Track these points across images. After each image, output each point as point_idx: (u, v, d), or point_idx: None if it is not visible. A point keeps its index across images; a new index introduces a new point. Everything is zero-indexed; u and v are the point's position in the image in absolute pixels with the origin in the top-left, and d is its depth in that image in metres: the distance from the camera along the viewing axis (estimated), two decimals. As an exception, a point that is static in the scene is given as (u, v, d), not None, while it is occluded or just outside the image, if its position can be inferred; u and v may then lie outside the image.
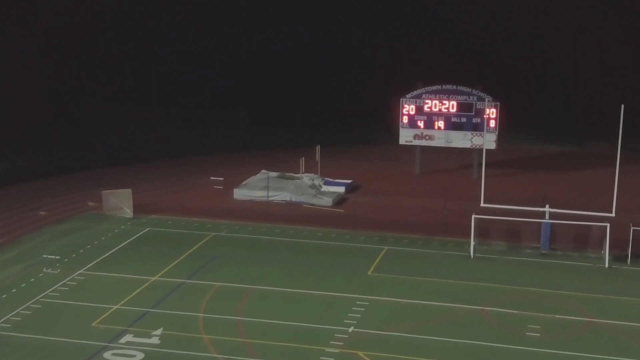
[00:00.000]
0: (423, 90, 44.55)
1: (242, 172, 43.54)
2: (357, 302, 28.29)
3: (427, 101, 44.47)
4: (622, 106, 31.16)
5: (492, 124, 43.28)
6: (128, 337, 25.42)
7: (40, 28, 48.52)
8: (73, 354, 24.28)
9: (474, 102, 43.75)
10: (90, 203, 38.60)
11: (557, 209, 33.56)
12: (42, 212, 37.43)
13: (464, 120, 44.15)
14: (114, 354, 24.39)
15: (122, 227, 36.03)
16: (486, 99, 43.03)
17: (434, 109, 44.48)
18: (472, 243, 33.03)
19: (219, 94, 52.54)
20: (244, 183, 41.74)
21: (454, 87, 44.34)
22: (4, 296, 28.42)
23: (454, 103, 44.29)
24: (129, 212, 37.22)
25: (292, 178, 41.99)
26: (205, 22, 55.57)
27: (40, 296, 28.39)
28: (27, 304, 27.74)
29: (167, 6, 54.12)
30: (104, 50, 51.89)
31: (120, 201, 37.36)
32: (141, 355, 24.36)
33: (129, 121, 49.94)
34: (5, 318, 26.62)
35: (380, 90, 46.61)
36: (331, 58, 55.52)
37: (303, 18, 56.40)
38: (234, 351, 24.61)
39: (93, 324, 26.25)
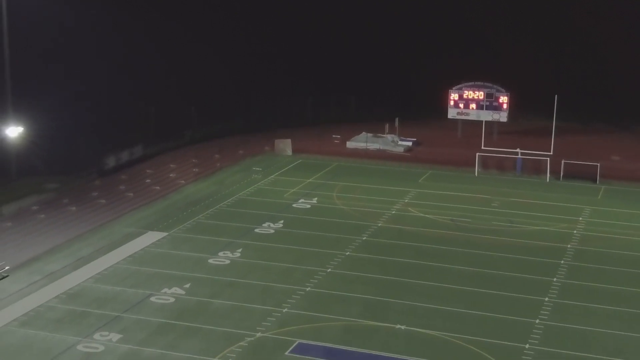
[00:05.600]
0: (463, 85, 71.57)
1: (351, 133, 71.76)
2: (412, 191, 56.57)
3: (465, 91, 71.50)
4: (556, 96, 58.51)
5: (505, 106, 70.37)
6: (302, 200, 54.26)
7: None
8: (278, 206, 53.10)
9: (494, 93, 70.67)
10: (266, 147, 67.87)
11: (525, 150, 61.11)
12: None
13: (488, 103, 70.94)
14: (296, 206, 53.22)
15: (286, 159, 64.99)
16: (502, 91, 70.32)
17: (469, 97, 71.49)
18: (477, 169, 60.96)
19: (335, 85, 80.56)
20: (352, 139, 70.12)
21: (482, 83, 71.31)
22: (237, 185, 57.64)
23: (482, 93, 70.97)
24: (289, 152, 66.29)
25: (381, 136, 70.24)
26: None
27: (255, 185, 57.46)
28: (252, 187, 56.95)
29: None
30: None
31: (284, 146, 66.47)
32: (309, 206, 53.19)
33: (286, 103, 78.53)
34: (242, 193, 55.75)
35: (436, 85, 73.26)
36: (408, 64, 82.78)
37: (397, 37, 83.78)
38: (353, 206, 53.17)
39: (284, 196, 55.28)
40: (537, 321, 37.17)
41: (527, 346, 34.83)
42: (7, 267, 41.70)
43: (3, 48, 56.27)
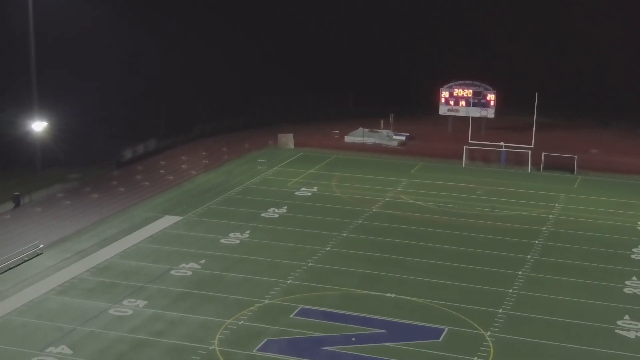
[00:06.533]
0: (453, 83, 76.76)
1: (349, 128, 76.83)
2: (405, 181, 61.78)
3: (455, 89, 76.68)
4: (536, 94, 63.68)
5: (492, 103, 75.52)
6: (303, 188, 59.50)
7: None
8: (282, 194, 58.30)
9: (482, 91, 75.81)
10: (270, 142, 73.04)
11: (509, 143, 66.33)
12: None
13: (476, 100, 76.07)
14: (298, 193, 58.37)
15: (288, 152, 70.19)
16: (489, 89, 75.51)
17: (459, 94, 76.70)
18: (464, 161, 66.19)
19: (334, 84, 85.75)
20: (350, 134, 75.28)
21: (471, 82, 76.50)
22: (244, 175, 62.78)
23: (471, 91, 76.15)
24: (291, 146, 71.46)
25: (376, 131, 75.42)
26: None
27: (260, 176, 62.66)
28: (257, 177, 62.15)
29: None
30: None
31: (287, 140, 71.65)
32: (310, 194, 58.39)
33: (288, 100, 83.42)
34: (248, 183, 61.01)
35: (429, 84, 78.44)
36: (403, 63, 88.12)
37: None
38: (350, 194, 58.38)
39: (287, 185, 60.49)
40: (511, 291, 42.38)
41: (500, 311, 40.03)
42: (41, 246, 46.92)
43: (30, 52, 61.47)
